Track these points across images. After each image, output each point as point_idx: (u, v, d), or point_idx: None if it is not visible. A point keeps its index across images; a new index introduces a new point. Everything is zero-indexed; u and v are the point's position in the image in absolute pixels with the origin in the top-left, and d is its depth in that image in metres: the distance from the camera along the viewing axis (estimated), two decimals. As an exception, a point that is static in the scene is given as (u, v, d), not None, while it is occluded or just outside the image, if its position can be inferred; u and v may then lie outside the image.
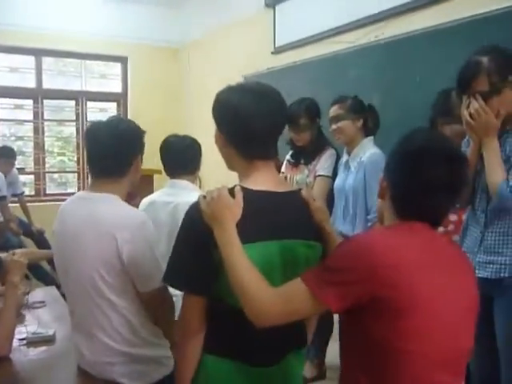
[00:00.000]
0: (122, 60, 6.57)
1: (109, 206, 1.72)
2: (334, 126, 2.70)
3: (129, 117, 6.57)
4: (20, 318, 2.39)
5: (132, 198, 2.43)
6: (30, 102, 6.12)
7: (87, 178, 6.41)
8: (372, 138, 2.69)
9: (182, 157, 2.44)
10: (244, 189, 1.30)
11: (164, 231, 2.31)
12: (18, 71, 6.15)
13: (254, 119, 1.30)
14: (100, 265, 1.67)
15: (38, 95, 6.12)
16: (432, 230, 1.22)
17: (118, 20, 6.05)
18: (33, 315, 2.54)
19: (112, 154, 1.74)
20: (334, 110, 2.71)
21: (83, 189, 6.39)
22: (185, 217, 1.34)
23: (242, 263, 1.19)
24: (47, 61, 6.21)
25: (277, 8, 4.65)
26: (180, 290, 1.36)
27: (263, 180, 1.34)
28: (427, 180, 1.18)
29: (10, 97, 6.08)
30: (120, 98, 6.66)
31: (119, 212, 1.72)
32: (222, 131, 1.37)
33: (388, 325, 1.11)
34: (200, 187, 4.42)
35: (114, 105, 6.70)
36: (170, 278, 1.35)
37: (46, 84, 6.20)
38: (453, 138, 2.28)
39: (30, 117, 6.15)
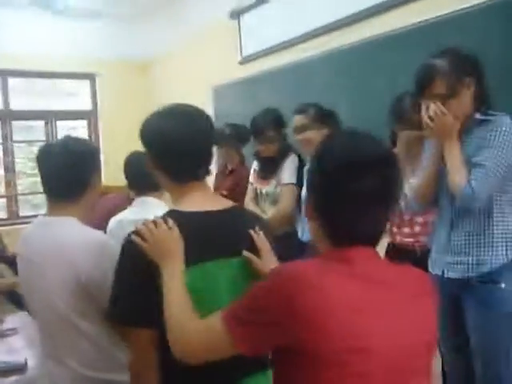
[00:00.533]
0: (90, 77, 6.52)
1: (67, 230, 1.68)
2: (299, 137, 2.67)
3: (100, 134, 6.54)
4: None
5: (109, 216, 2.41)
6: (-2, 123, 6.03)
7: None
8: None
9: (145, 174, 2.40)
10: (178, 212, 1.31)
11: None
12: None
13: (180, 142, 1.32)
14: (63, 290, 1.63)
15: (6, 117, 6.03)
16: (374, 255, 1.07)
17: (84, 37, 6.00)
18: (3, 343, 2.49)
19: (65, 174, 1.70)
20: (297, 120, 2.68)
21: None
22: (122, 251, 1.33)
23: (176, 296, 1.16)
24: (14, 81, 6.12)
25: (241, 18, 4.66)
26: (127, 325, 1.29)
27: (196, 201, 1.34)
28: (354, 193, 1.02)
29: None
30: (90, 116, 6.59)
31: (78, 236, 1.67)
32: (151, 155, 1.38)
33: (311, 376, 0.97)
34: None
35: (84, 122, 6.63)
36: (115, 314, 1.31)
37: (14, 105, 6.11)
38: (410, 144, 2.31)
39: (-1, 139, 6.06)
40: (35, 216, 5.38)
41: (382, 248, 2.56)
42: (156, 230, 1.24)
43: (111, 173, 4.73)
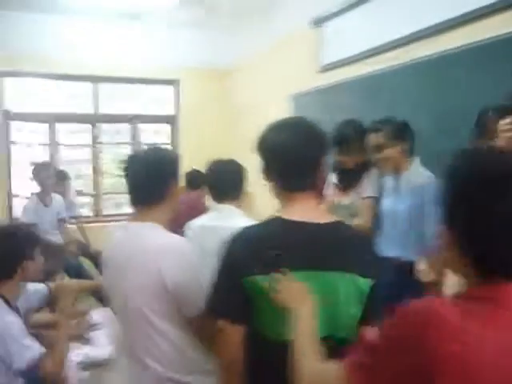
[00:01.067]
0: (174, 83, 6.76)
1: (152, 234, 1.78)
2: (378, 156, 2.62)
3: (180, 138, 6.76)
4: (78, 340, 2.47)
5: (179, 226, 2.50)
6: (88, 126, 6.40)
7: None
8: (418, 158, 2.61)
9: (226, 182, 2.47)
10: (283, 219, 1.36)
11: (210, 255, 2.35)
12: (76, 98, 6.45)
13: (288, 151, 1.39)
14: (146, 293, 1.72)
15: (95, 120, 6.39)
16: None
17: (169, 45, 6.24)
18: (89, 337, 2.62)
19: (145, 182, 1.81)
20: (373, 139, 2.63)
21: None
22: (223, 247, 1.42)
23: (304, 338, 1.17)
24: (103, 87, 6.47)
25: (323, 26, 4.66)
26: (219, 317, 1.40)
27: (302, 211, 1.38)
28: (506, 214, 0.84)
29: (69, 122, 6.37)
30: (173, 120, 6.84)
31: (162, 240, 1.77)
32: (263, 165, 1.47)
33: None
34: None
35: (167, 126, 6.88)
36: (209, 305, 1.45)
37: (102, 109, 6.46)
38: None
39: (89, 141, 6.43)
40: (117, 215, 5.70)
41: None
42: (284, 280, 1.27)
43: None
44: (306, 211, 1.38)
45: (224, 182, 2.48)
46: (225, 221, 2.37)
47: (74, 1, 5.06)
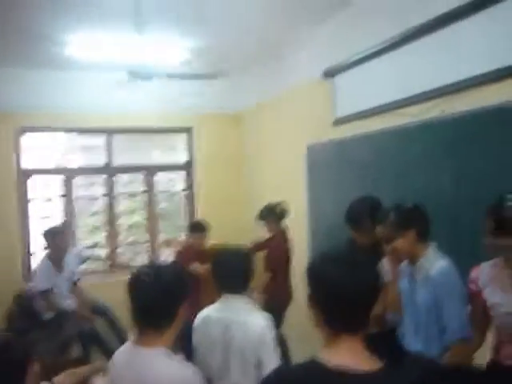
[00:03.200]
0: (187, 130, 6.72)
1: (157, 364, 1.69)
2: (387, 248, 2.46)
3: (195, 185, 6.68)
4: None
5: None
6: (102, 178, 6.36)
7: (157, 250, 6.51)
8: (435, 245, 2.43)
9: (234, 274, 2.35)
10: (322, 367, 1.24)
11: (217, 347, 2.29)
12: (90, 150, 6.43)
13: (343, 292, 1.28)
14: None
15: (110, 171, 6.36)
16: None
17: (181, 94, 6.20)
18: None
19: (157, 306, 1.71)
20: (380, 232, 2.47)
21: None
22: None
23: None
24: (117, 138, 6.45)
25: (336, 78, 4.54)
26: None
27: (345, 355, 1.26)
28: None
29: (84, 174, 6.35)
30: (187, 168, 6.77)
31: (167, 371, 1.67)
32: (311, 295, 1.36)
33: None
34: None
35: (180, 174, 6.81)
36: None
37: (116, 160, 6.43)
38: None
39: (102, 192, 6.38)
40: (133, 267, 5.59)
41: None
42: None
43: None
44: (351, 356, 1.26)
45: (231, 274, 2.35)
46: (229, 313, 2.29)
47: (84, 58, 5.04)
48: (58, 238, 4.50)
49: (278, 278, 4.45)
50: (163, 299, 1.71)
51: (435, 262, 2.33)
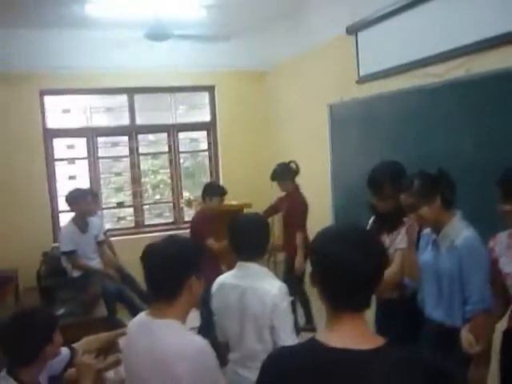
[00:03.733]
0: (210, 89, 6.65)
1: (167, 335, 1.72)
2: (412, 216, 2.40)
3: (219, 144, 6.67)
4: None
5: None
6: (126, 138, 6.39)
7: (181, 209, 6.59)
8: (460, 213, 2.37)
9: (250, 240, 2.35)
10: (322, 347, 1.23)
11: (234, 313, 2.33)
12: (113, 110, 6.45)
13: (346, 270, 1.24)
14: None
15: (133, 131, 6.38)
16: None
17: (203, 51, 6.10)
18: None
19: (159, 275, 1.75)
20: (404, 200, 2.41)
21: (178, 219, 6.58)
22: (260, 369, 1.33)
23: None
24: (138, 98, 6.43)
25: (359, 35, 4.40)
26: None
27: (346, 335, 1.25)
28: None
29: (107, 135, 6.39)
30: (210, 127, 6.74)
31: (177, 342, 1.71)
32: (313, 272, 1.32)
33: None
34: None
35: (204, 133, 6.80)
36: None
37: (139, 120, 6.43)
38: None
39: (126, 153, 6.43)
40: (159, 225, 5.71)
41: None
42: None
43: (229, 186, 4.83)
44: (353, 336, 1.25)
45: (248, 240, 2.36)
46: (245, 280, 2.31)
47: (104, 16, 4.99)
48: (80, 201, 4.57)
49: (299, 235, 4.51)
50: (165, 270, 1.73)
51: (460, 232, 2.29)
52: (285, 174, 4.64)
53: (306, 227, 4.63)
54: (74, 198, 4.59)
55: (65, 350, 2.29)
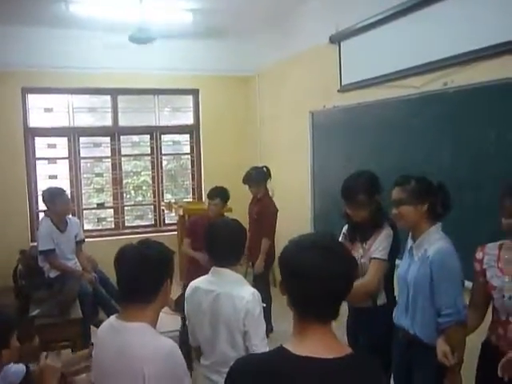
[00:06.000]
0: (194, 92, 6.66)
1: (137, 338, 1.72)
2: (394, 211, 2.43)
3: (201, 147, 6.68)
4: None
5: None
6: (108, 139, 6.37)
7: (162, 211, 6.57)
8: (439, 225, 2.40)
9: (224, 245, 2.36)
10: (286, 353, 1.25)
11: (206, 317, 2.34)
12: (95, 111, 6.42)
13: (316, 281, 1.25)
14: None
15: (115, 132, 6.36)
16: None
17: (188, 55, 6.12)
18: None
19: (139, 279, 1.74)
20: (395, 193, 2.41)
21: (159, 221, 6.57)
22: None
23: None
24: (122, 99, 6.41)
25: (342, 44, 4.45)
26: None
27: (313, 344, 1.26)
28: None
29: (89, 135, 6.36)
30: (193, 130, 6.75)
31: (147, 345, 1.70)
32: (283, 283, 1.34)
33: None
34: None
35: (187, 136, 6.80)
36: None
37: (122, 121, 6.41)
38: None
39: (108, 153, 6.41)
40: (139, 226, 5.66)
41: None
42: None
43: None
44: (319, 346, 1.26)
45: (224, 246, 2.37)
46: (218, 286, 2.31)
47: (89, 17, 4.99)
48: (57, 200, 4.52)
49: (265, 241, 4.58)
50: (145, 275, 1.73)
51: (434, 242, 2.31)
52: (260, 177, 4.66)
53: (273, 234, 4.65)
54: (51, 197, 4.54)
55: (21, 368, 2.22)
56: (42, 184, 5.90)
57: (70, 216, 4.82)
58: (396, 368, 2.53)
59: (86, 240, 5.23)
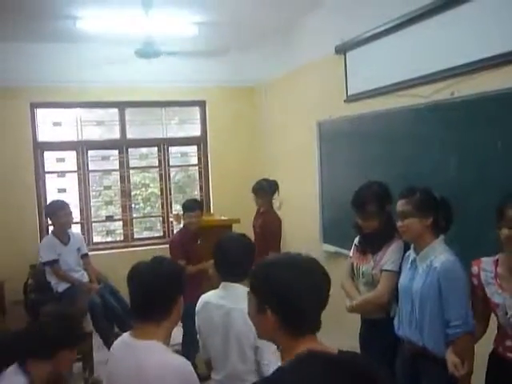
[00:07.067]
0: (201, 104, 6.69)
1: (150, 356, 1.73)
2: (399, 223, 2.45)
3: (209, 159, 6.70)
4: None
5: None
6: (116, 152, 6.41)
7: (171, 223, 6.59)
8: (443, 237, 2.41)
9: (234, 261, 2.37)
10: (317, 357, 1.24)
11: (217, 332, 2.34)
12: (103, 124, 6.47)
13: (304, 297, 1.33)
14: None
15: (123, 145, 6.40)
16: None
17: (194, 67, 6.16)
18: None
19: (155, 296, 1.76)
20: (400, 205, 2.43)
21: (168, 233, 6.58)
22: None
23: None
24: (129, 112, 6.45)
25: (347, 55, 4.46)
26: None
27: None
28: None
29: (98, 148, 6.40)
30: (200, 141, 6.78)
31: (160, 363, 1.72)
32: (265, 304, 1.37)
33: None
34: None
35: (194, 148, 6.82)
36: None
37: (130, 134, 6.45)
38: None
39: (117, 166, 6.44)
40: (148, 238, 5.67)
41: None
42: None
43: (218, 200, 4.83)
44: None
45: (234, 260, 2.37)
46: (229, 301, 2.31)
47: (96, 32, 5.04)
48: (59, 213, 4.56)
49: (278, 252, 4.52)
50: (160, 287, 1.75)
51: (440, 254, 2.32)
52: (269, 189, 4.66)
53: (279, 245, 4.57)
54: (53, 210, 4.59)
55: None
56: (52, 198, 5.93)
57: (74, 231, 4.86)
58: (400, 379, 2.52)
59: (96, 253, 5.28)
